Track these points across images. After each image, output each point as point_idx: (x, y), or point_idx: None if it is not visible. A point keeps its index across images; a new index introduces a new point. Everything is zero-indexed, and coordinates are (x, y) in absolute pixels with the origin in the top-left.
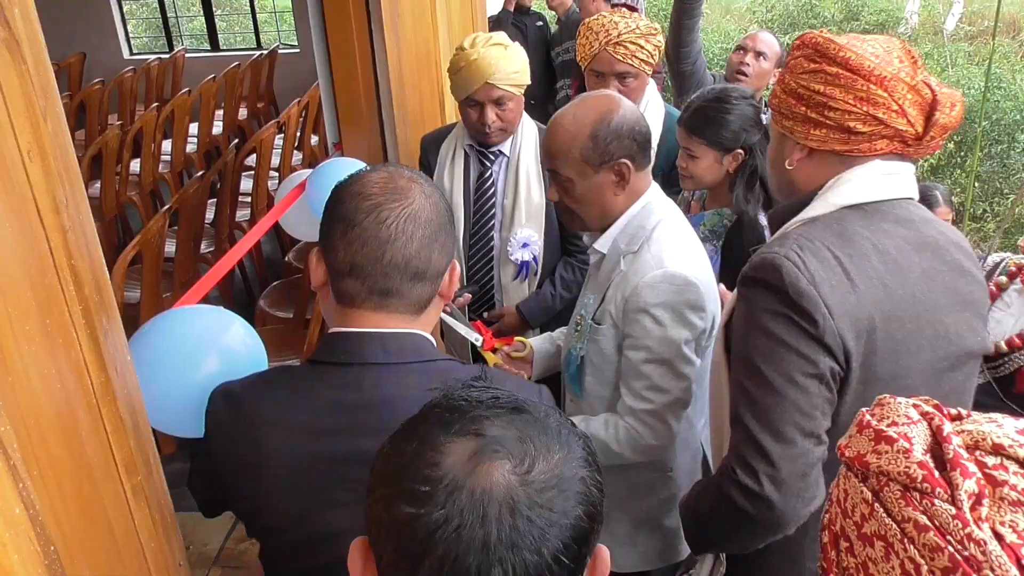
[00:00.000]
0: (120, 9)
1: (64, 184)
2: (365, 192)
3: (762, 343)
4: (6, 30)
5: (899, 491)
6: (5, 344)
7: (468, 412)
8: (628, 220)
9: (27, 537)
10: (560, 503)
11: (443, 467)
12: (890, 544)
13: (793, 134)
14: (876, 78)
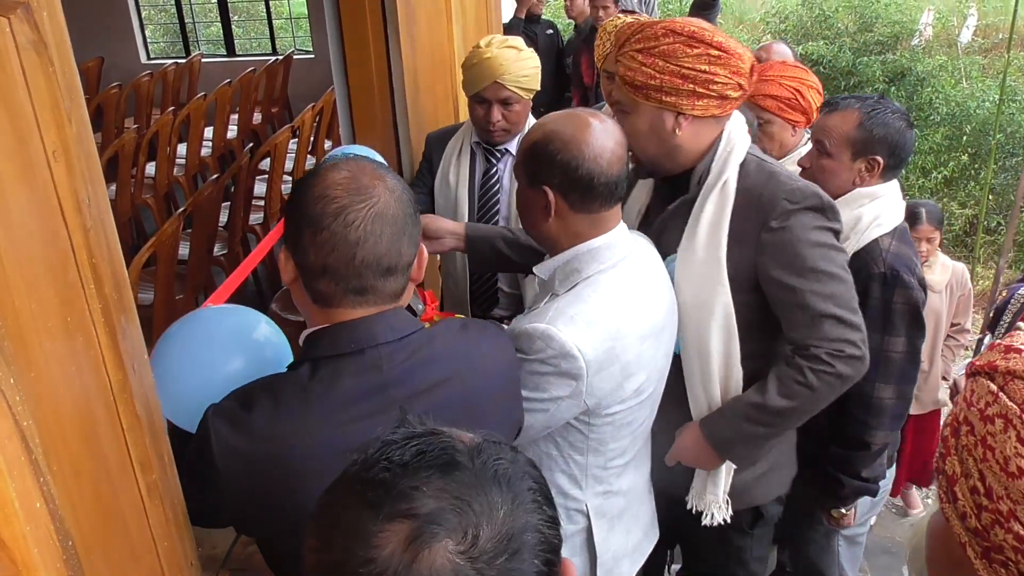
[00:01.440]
0: (138, 14)
1: (87, 184)
2: (329, 195)
3: (819, 252)
4: (35, 32)
5: (1021, 384)
6: (29, 340)
7: (394, 486)
8: (572, 257)
9: (47, 531)
10: (516, 564)
11: (380, 563)
12: (1009, 420)
13: (678, 107)
14: (738, 55)
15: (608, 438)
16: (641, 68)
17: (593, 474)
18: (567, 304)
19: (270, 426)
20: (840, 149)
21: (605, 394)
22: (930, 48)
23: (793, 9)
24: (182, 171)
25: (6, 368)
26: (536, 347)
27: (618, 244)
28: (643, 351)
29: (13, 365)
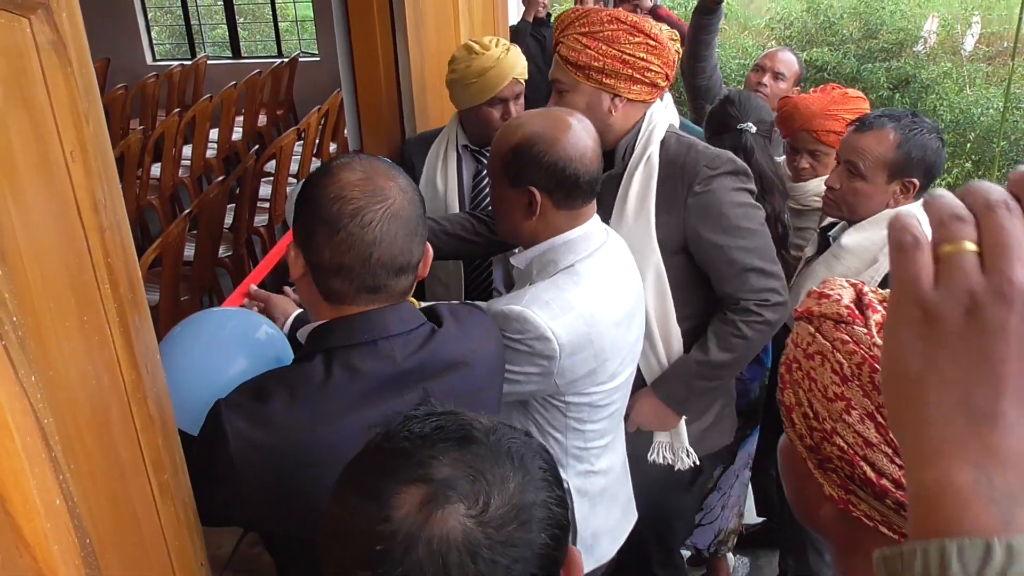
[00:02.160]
0: (144, 16)
1: (103, 184)
2: (346, 196)
3: (740, 211)
4: (55, 33)
5: (831, 324)
6: (47, 339)
7: (413, 455)
8: (548, 248)
9: (66, 529)
10: (522, 535)
11: (395, 522)
12: (824, 355)
13: (616, 89)
14: (668, 49)
15: (586, 418)
16: (585, 50)
17: (574, 454)
18: (543, 290)
19: (289, 417)
20: (875, 172)
21: (578, 377)
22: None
23: (798, 15)
24: (187, 173)
25: (28, 366)
26: (512, 327)
27: (593, 236)
28: (616, 336)
29: (34, 363)
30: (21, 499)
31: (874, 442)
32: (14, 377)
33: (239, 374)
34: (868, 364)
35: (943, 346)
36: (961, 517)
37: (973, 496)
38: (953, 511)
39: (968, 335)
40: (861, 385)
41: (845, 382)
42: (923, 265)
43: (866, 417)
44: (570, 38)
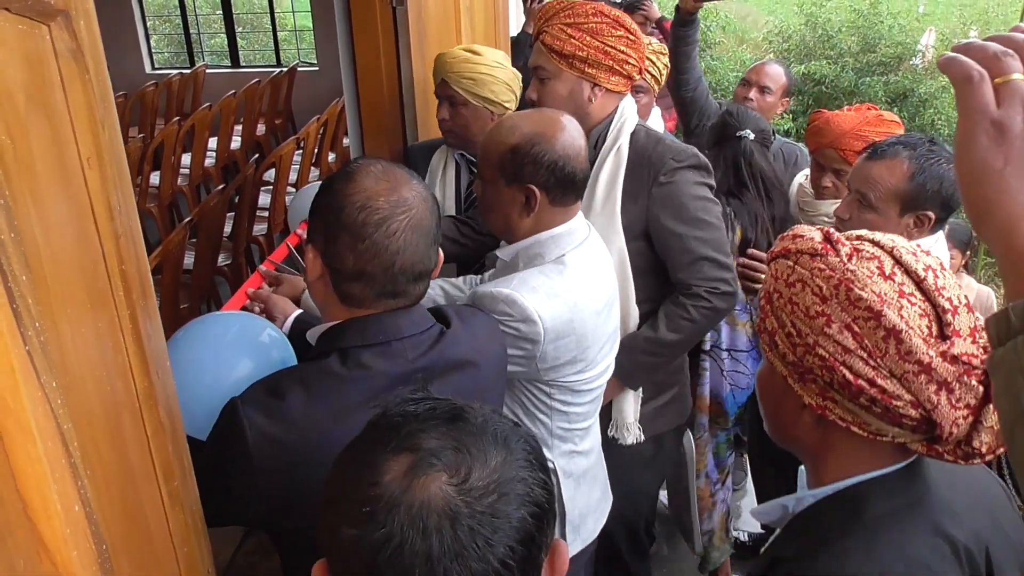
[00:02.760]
0: (144, 24)
1: (118, 191)
2: (372, 206)
3: (699, 204)
4: (73, 40)
5: (807, 257)
6: (65, 345)
7: (403, 428)
8: (534, 242)
9: (84, 534)
10: (502, 507)
11: (381, 486)
12: (804, 281)
13: (596, 79)
14: (643, 42)
15: (570, 401)
16: (570, 40)
17: (558, 435)
18: (530, 276)
19: (305, 413)
20: (887, 204)
21: (561, 363)
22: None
23: (796, 29)
24: (186, 181)
25: (49, 372)
26: (499, 309)
27: (577, 230)
28: (597, 324)
29: (54, 368)
30: (42, 504)
31: (851, 348)
32: (37, 383)
33: (244, 377)
34: (844, 285)
35: (1014, 146)
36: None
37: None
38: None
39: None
40: (839, 302)
41: (825, 301)
42: (988, 92)
43: (844, 328)
44: (555, 28)
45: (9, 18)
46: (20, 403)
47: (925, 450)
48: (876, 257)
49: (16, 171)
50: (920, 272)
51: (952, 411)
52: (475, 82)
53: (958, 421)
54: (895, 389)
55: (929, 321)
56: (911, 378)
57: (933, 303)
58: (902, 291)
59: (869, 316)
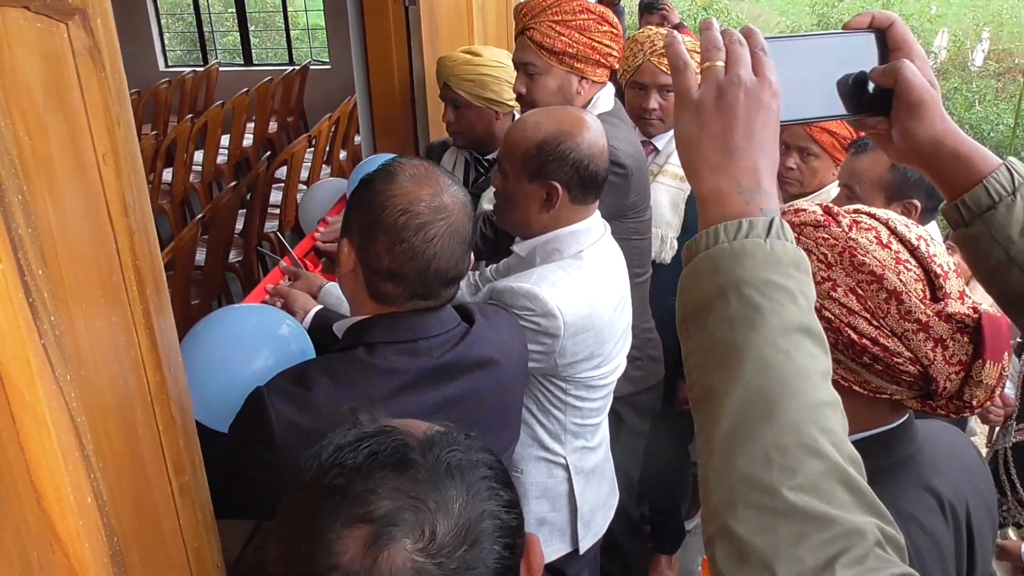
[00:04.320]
0: (158, 23)
1: (133, 188)
2: (413, 210)
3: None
4: (90, 38)
5: (811, 228)
6: (80, 339)
7: (349, 491)
8: (552, 237)
9: (96, 527)
10: (476, 554)
11: (342, 568)
12: (809, 251)
13: (584, 73)
14: (623, 37)
15: (585, 396)
16: (560, 37)
17: (571, 430)
18: (549, 271)
19: (332, 403)
20: (872, 194)
21: (579, 359)
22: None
23: (808, 28)
24: (198, 178)
25: (64, 365)
26: (520, 303)
27: (594, 228)
28: (614, 320)
29: (69, 362)
30: (56, 496)
31: (855, 310)
32: (51, 376)
33: (262, 369)
34: (847, 252)
35: (707, 118)
36: (724, 207)
37: (732, 194)
38: (721, 205)
39: (719, 109)
40: (843, 268)
41: (830, 267)
42: (691, 78)
43: (849, 292)
44: (543, 25)
45: (28, 16)
46: (36, 396)
47: (919, 406)
48: (873, 228)
49: (34, 167)
50: (913, 241)
51: (946, 366)
52: (476, 83)
53: (951, 376)
54: (896, 347)
55: (923, 285)
56: (910, 336)
57: (926, 269)
58: (898, 258)
59: (872, 280)
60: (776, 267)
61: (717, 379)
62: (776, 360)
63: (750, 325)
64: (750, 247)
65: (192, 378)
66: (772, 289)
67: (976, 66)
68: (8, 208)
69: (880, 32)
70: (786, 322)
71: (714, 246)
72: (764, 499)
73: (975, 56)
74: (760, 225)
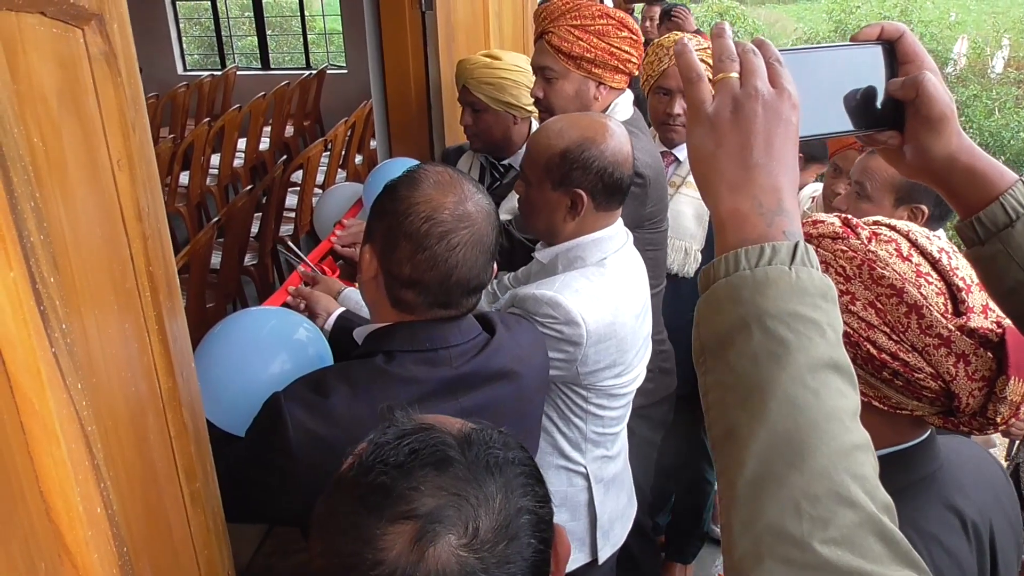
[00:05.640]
0: (177, 27)
1: (147, 193)
2: (437, 218)
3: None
4: (106, 44)
5: (829, 240)
6: (91, 346)
7: (393, 490)
8: (575, 245)
9: (106, 536)
10: (515, 549)
11: (388, 564)
12: (827, 263)
13: (601, 78)
14: (642, 43)
15: (605, 405)
16: (578, 42)
17: (592, 439)
18: (572, 279)
19: (350, 411)
20: (882, 194)
21: (601, 367)
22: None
23: (825, 35)
24: (215, 181)
25: (75, 373)
26: (543, 311)
27: (617, 236)
28: (636, 328)
29: (81, 370)
30: (65, 507)
31: (875, 324)
32: (62, 384)
33: (279, 372)
34: (866, 265)
35: (723, 133)
36: (744, 229)
37: (752, 215)
38: (741, 227)
39: (735, 123)
40: (862, 281)
41: (848, 280)
42: (705, 89)
43: (868, 305)
44: (562, 29)
45: (44, 22)
46: (46, 406)
47: (941, 423)
48: (894, 240)
49: (47, 173)
50: (935, 254)
51: (969, 382)
52: (495, 87)
53: (974, 392)
54: (916, 362)
55: (945, 299)
56: (931, 351)
57: (948, 282)
58: (919, 271)
59: (892, 293)
60: (802, 297)
61: (740, 419)
62: (804, 400)
63: (775, 361)
64: (774, 275)
65: (209, 381)
66: (798, 322)
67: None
68: (20, 215)
69: (889, 44)
70: (814, 358)
71: (734, 273)
72: (794, 553)
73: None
74: (784, 250)
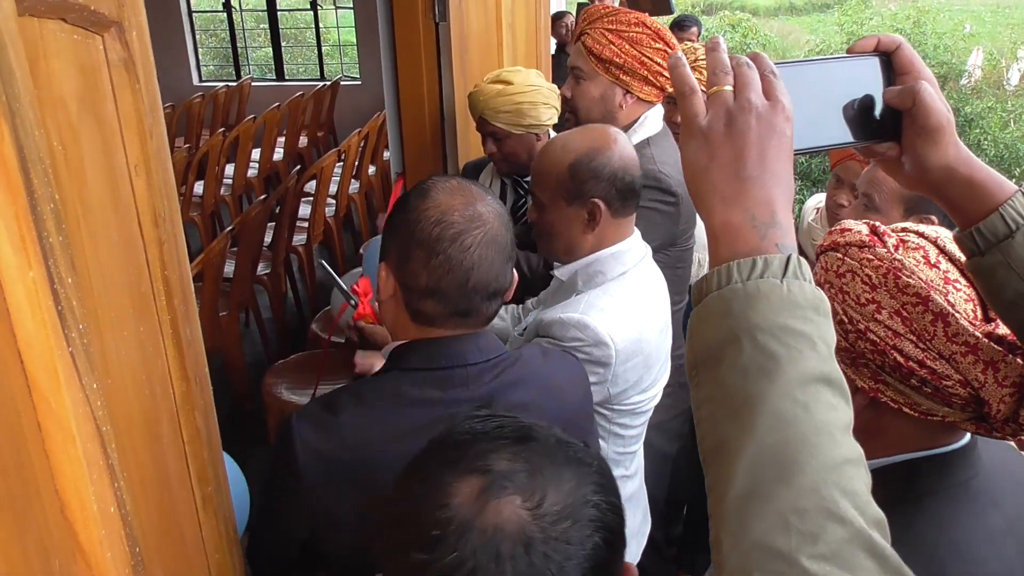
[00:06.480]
0: (193, 38)
1: (163, 199)
2: (447, 220)
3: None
4: (125, 51)
5: (856, 249)
6: (107, 348)
7: (471, 447)
8: (594, 260)
9: (119, 536)
10: (576, 534)
11: (451, 508)
12: (854, 272)
13: (629, 87)
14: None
15: (627, 423)
16: (609, 45)
17: (612, 459)
18: (596, 298)
19: (358, 430)
20: (890, 205)
21: (629, 384)
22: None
23: (837, 47)
24: (228, 191)
25: (91, 373)
26: (570, 335)
27: (636, 248)
28: (660, 343)
29: (96, 371)
30: (79, 505)
31: (901, 332)
32: (79, 384)
33: None
34: (892, 273)
35: (716, 146)
36: (737, 242)
37: (745, 228)
38: (733, 240)
39: (729, 136)
40: (887, 289)
41: (874, 289)
42: (698, 103)
43: (894, 314)
44: (597, 31)
45: (65, 28)
46: (62, 404)
47: (974, 428)
48: (921, 247)
49: (67, 177)
50: (963, 259)
51: (999, 388)
52: (513, 113)
53: (1004, 398)
54: (944, 369)
55: (974, 305)
56: (959, 359)
57: (977, 289)
58: (947, 278)
59: (917, 302)
60: (793, 311)
61: (729, 434)
62: (793, 414)
63: (765, 375)
64: (765, 289)
65: None
66: (789, 335)
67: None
68: (40, 216)
69: (886, 56)
70: (804, 372)
71: (726, 286)
72: (782, 568)
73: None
74: (776, 263)
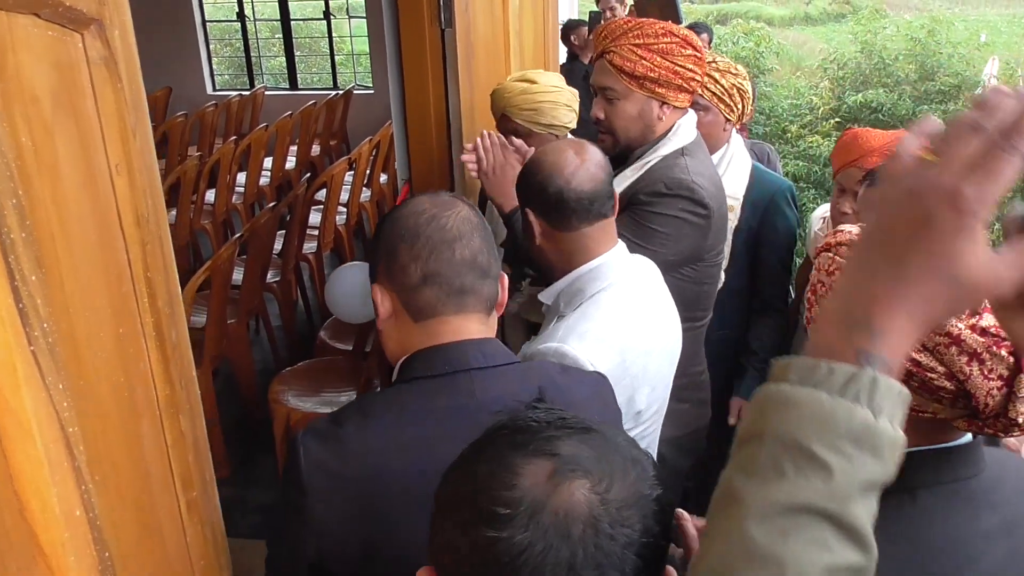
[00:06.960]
0: (207, 47)
1: (147, 199)
2: (417, 210)
3: (662, 220)
4: (106, 49)
5: (845, 248)
6: (81, 348)
7: (539, 433)
8: (574, 279)
9: (85, 540)
10: (639, 522)
11: (521, 488)
12: (841, 269)
13: (665, 97)
14: (705, 60)
15: None
16: (641, 61)
17: None
18: (575, 322)
19: (362, 441)
20: None
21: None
22: None
23: (852, 56)
24: (240, 199)
25: (56, 373)
26: None
27: (616, 263)
28: (648, 364)
29: (63, 371)
30: (40, 507)
31: None
32: (41, 383)
33: None
34: None
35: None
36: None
37: (835, 318)
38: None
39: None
40: None
41: None
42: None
43: None
44: (623, 48)
45: (38, 23)
46: (21, 403)
47: (966, 426)
48: None
49: (36, 173)
50: None
51: (985, 381)
52: (536, 112)
53: (992, 392)
54: (928, 362)
55: None
56: (943, 350)
57: None
58: None
59: None
60: (822, 434)
61: (714, 522)
62: (767, 537)
63: (761, 484)
64: (804, 399)
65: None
66: (802, 457)
67: None
68: (0, 212)
69: None
70: (802, 500)
71: (783, 382)
72: None
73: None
74: (840, 377)
